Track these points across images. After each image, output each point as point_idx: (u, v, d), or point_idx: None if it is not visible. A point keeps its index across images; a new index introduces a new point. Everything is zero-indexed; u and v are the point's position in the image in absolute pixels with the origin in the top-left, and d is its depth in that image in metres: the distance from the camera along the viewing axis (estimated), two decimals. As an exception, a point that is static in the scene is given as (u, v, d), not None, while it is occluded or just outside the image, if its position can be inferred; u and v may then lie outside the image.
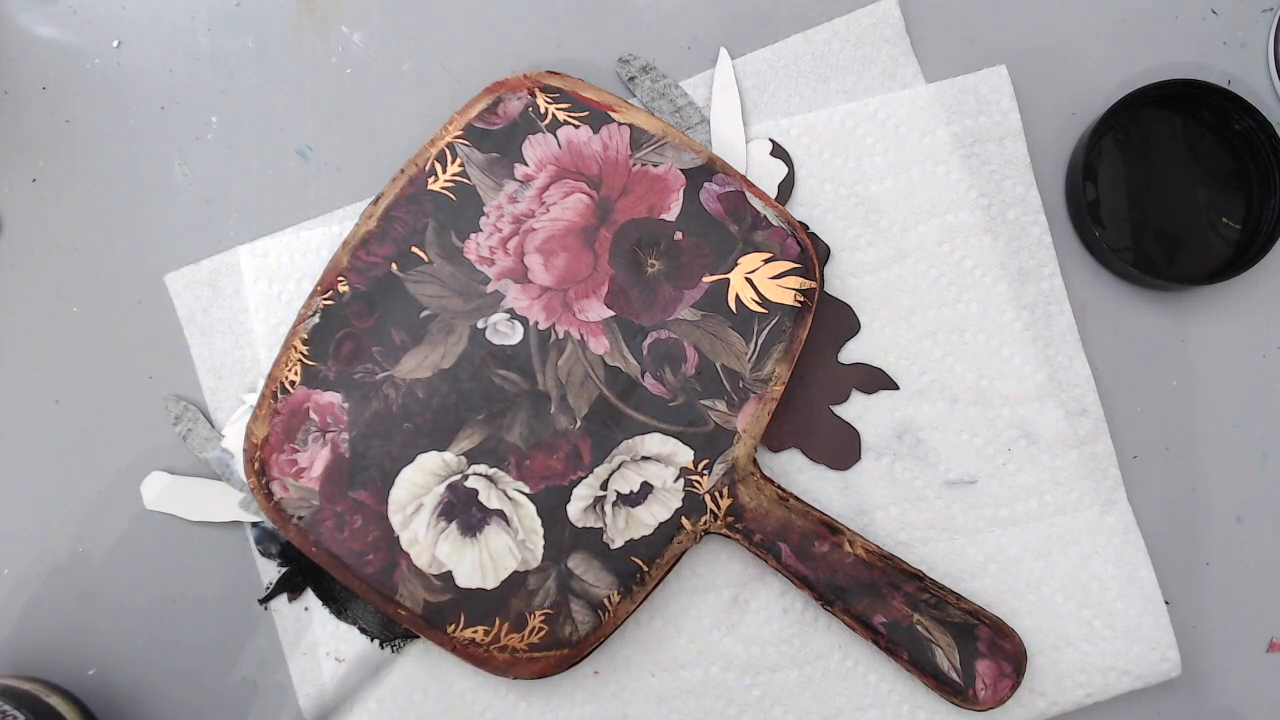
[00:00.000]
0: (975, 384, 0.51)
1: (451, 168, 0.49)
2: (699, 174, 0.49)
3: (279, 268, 0.51)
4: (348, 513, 0.48)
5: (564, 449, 0.48)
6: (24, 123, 0.52)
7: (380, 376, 0.48)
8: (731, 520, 0.48)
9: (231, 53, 0.53)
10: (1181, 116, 0.52)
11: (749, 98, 0.52)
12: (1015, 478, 0.51)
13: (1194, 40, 0.53)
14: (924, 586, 0.48)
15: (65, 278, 0.52)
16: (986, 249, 0.51)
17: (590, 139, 0.49)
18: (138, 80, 0.52)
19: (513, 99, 0.49)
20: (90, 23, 0.53)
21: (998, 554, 0.50)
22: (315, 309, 0.49)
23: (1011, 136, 0.52)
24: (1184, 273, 0.52)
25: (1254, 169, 0.51)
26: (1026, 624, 0.50)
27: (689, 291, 0.49)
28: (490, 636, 0.48)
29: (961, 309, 0.51)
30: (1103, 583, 0.50)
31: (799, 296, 0.49)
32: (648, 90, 0.52)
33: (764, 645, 0.50)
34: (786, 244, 0.49)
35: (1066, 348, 0.51)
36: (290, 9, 0.53)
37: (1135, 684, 0.50)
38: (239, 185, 0.52)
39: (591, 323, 0.49)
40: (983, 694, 0.48)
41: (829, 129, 0.52)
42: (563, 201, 0.49)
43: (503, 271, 0.49)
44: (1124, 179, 0.52)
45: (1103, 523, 0.50)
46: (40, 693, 0.47)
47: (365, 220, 0.49)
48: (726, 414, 0.49)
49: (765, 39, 0.53)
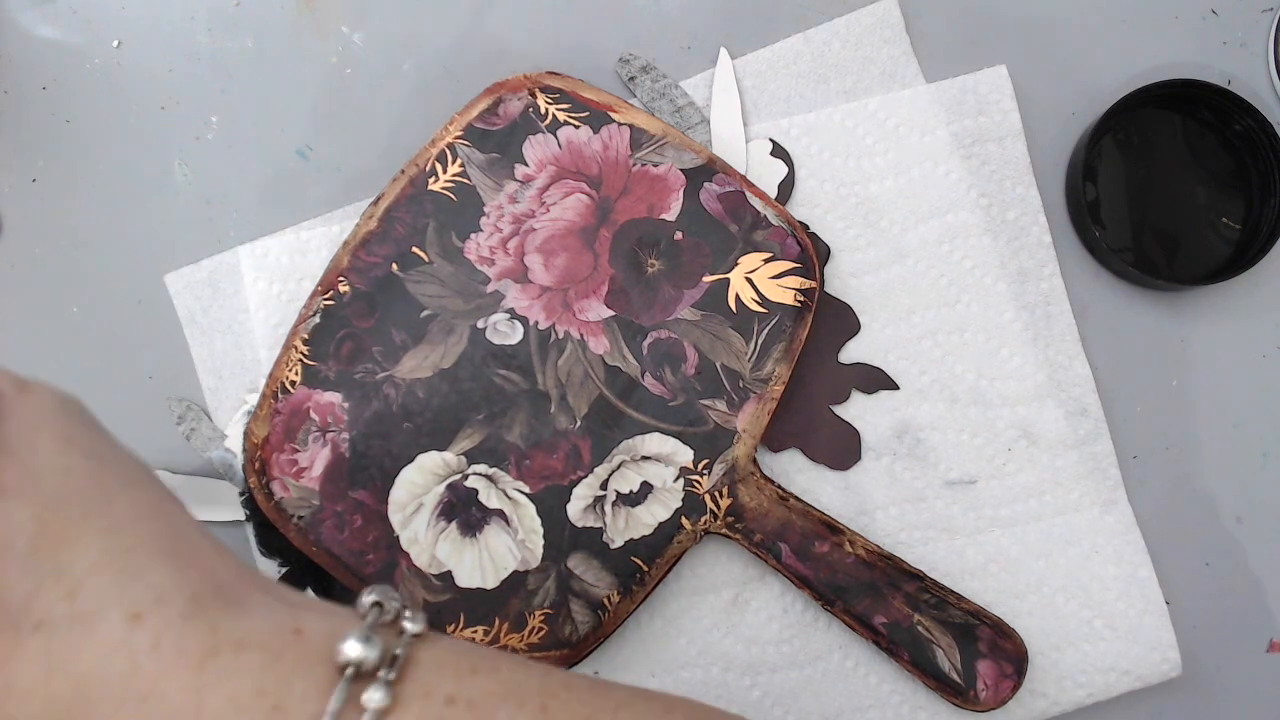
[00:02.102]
0: (975, 384, 0.51)
1: (452, 168, 0.49)
2: (699, 174, 0.49)
3: (279, 268, 0.51)
4: (348, 512, 0.48)
5: (564, 449, 0.48)
6: (24, 123, 0.52)
7: (380, 376, 0.48)
8: (731, 520, 0.48)
9: (231, 53, 0.53)
10: (1181, 116, 0.52)
11: (749, 98, 0.52)
12: (1015, 478, 0.51)
13: (1194, 40, 0.53)
14: (924, 587, 0.48)
15: (65, 278, 0.52)
16: (986, 249, 0.51)
17: (590, 139, 0.49)
18: (138, 80, 0.52)
19: (513, 99, 0.49)
20: (90, 23, 0.53)
21: (998, 554, 0.50)
22: (316, 309, 0.49)
23: (1011, 136, 0.52)
24: (1184, 273, 0.52)
25: (1254, 169, 0.51)
26: (1027, 624, 0.50)
27: (689, 291, 0.49)
28: (490, 636, 0.48)
29: (961, 309, 0.51)
30: (1103, 583, 0.50)
31: (799, 296, 0.49)
32: (648, 90, 0.52)
33: (764, 646, 0.50)
34: (786, 244, 0.49)
35: (1066, 348, 0.51)
36: (290, 9, 0.53)
37: (1136, 684, 0.50)
38: (239, 185, 0.52)
39: (591, 322, 0.49)
40: (984, 694, 0.48)
41: (829, 129, 0.52)
42: (563, 201, 0.49)
43: (503, 271, 0.49)
44: (1124, 179, 0.52)
45: (1103, 523, 0.50)
46: None
47: (366, 220, 0.49)
48: (726, 414, 0.49)
49: (765, 39, 0.53)
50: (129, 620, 0.26)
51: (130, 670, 0.25)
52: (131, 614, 0.26)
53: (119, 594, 0.26)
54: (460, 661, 0.29)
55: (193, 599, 0.27)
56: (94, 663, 0.25)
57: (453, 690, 0.27)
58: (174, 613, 0.26)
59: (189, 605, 0.26)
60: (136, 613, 0.26)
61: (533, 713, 0.28)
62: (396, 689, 0.27)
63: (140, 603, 0.26)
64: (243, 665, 0.26)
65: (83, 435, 0.28)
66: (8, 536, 0.26)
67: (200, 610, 0.26)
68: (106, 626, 0.25)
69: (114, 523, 0.27)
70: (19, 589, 0.25)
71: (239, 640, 0.26)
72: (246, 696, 0.26)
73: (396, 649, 0.27)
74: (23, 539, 0.26)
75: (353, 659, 0.26)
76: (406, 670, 0.27)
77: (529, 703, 0.28)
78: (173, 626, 0.26)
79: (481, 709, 0.27)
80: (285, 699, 0.26)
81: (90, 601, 0.25)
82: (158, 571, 0.27)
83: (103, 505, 0.27)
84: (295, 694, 0.26)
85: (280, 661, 0.26)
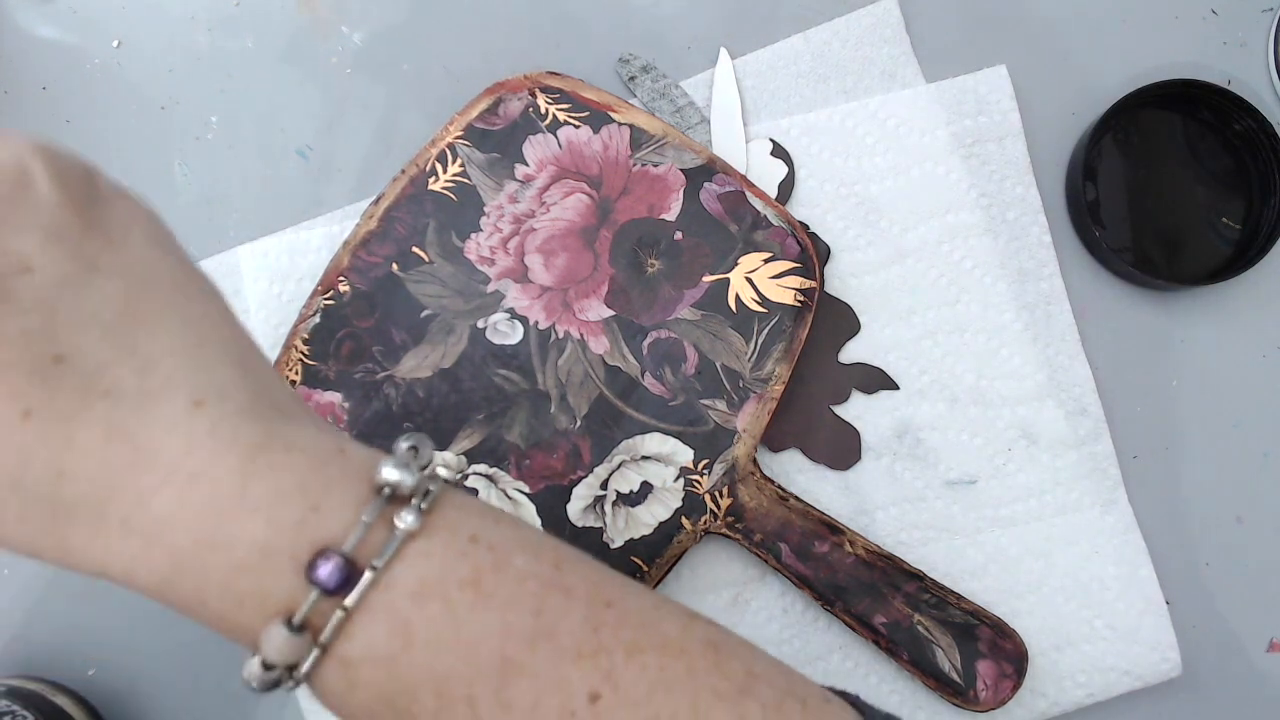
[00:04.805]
0: (975, 384, 0.51)
1: (452, 168, 0.49)
2: (699, 174, 0.49)
3: (279, 268, 0.51)
4: (348, 513, 0.48)
5: (564, 448, 0.48)
6: (24, 123, 0.52)
7: (380, 376, 0.48)
8: (731, 520, 0.48)
9: (231, 53, 0.53)
10: (1181, 116, 0.52)
11: (749, 98, 0.52)
12: (1015, 478, 0.51)
13: (1194, 40, 0.53)
14: (924, 587, 0.48)
15: (65, 278, 0.52)
16: (986, 249, 0.51)
17: (590, 139, 0.49)
18: (138, 80, 0.52)
19: (513, 99, 0.49)
20: (90, 23, 0.53)
21: (998, 554, 0.50)
22: (316, 309, 0.49)
23: (1011, 136, 0.52)
24: (1184, 273, 0.52)
25: (1254, 169, 0.51)
26: (1027, 624, 0.50)
27: (689, 291, 0.49)
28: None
29: (961, 309, 0.51)
30: (1103, 583, 0.50)
31: (799, 296, 0.49)
32: (648, 90, 0.52)
33: (764, 645, 0.50)
34: (786, 244, 0.49)
35: (1066, 348, 0.51)
36: (290, 9, 0.53)
37: (1136, 684, 0.50)
38: (239, 185, 0.52)
39: (591, 322, 0.49)
40: (984, 694, 0.48)
41: (829, 129, 0.52)
42: (563, 201, 0.49)
43: (503, 271, 0.49)
44: (1124, 179, 0.52)
45: (1103, 523, 0.50)
46: (47, 692, 0.47)
47: (366, 220, 0.49)
48: (726, 413, 0.49)
49: (765, 39, 0.53)
50: (191, 405, 0.27)
51: (185, 449, 0.27)
52: (195, 400, 0.27)
53: (186, 380, 0.27)
54: (485, 511, 0.30)
55: (252, 400, 0.28)
56: (152, 436, 0.26)
57: (477, 530, 0.29)
58: (233, 407, 0.27)
59: (249, 404, 0.28)
60: (200, 400, 0.27)
61: (548, 566, 0.29)
62: (426, 518, 0.28)
63: (204, 391, 0.27)
64: (291, 463, 0.27)
65: (170, 242, 0.30)
66: (96, 307, 0.27)
67: (257, 411, 0.28)
68: (170, 407, 0.27)
69: (191, 320, 0.29)
70: (96, 357, 0.27)
71: (289, 443, 0.28)
72: (289, 490, 0.27)
73: (429, 486, 0.29)
74: (109, 312, 0.27)
75: (390, 481, 0.28)
76: (436, 505, 0.29)
77: (545, 557, 0.29)
78: (230, 419, 0.27)
79: (501, 552, 0.29)
80: (324, 502, 0.27)
81: (158, 381, 0.27)
82: (224, 371, 0.28)
83: (183, 303, 0.29)
84: (333, 500, 0.27)
85: (324, 469, 0.28)
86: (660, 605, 0.31)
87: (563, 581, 0.29)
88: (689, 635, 0.30)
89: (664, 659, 0.29)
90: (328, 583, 0.26)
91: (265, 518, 0.27)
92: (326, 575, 0.26)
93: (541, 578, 0.29)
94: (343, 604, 0.27)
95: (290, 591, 0.27)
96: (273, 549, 0.27)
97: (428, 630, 0.27)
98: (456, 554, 0.28)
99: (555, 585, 0.29)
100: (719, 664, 0.29)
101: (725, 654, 0.30)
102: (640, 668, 0.28)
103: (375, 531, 0.27)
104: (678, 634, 0.30)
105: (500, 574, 0.28)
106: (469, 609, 0.28)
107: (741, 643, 0.32)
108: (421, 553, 0.28)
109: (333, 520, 0.27)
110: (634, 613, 0.30)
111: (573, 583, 0.29)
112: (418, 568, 0.28)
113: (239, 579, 0.27)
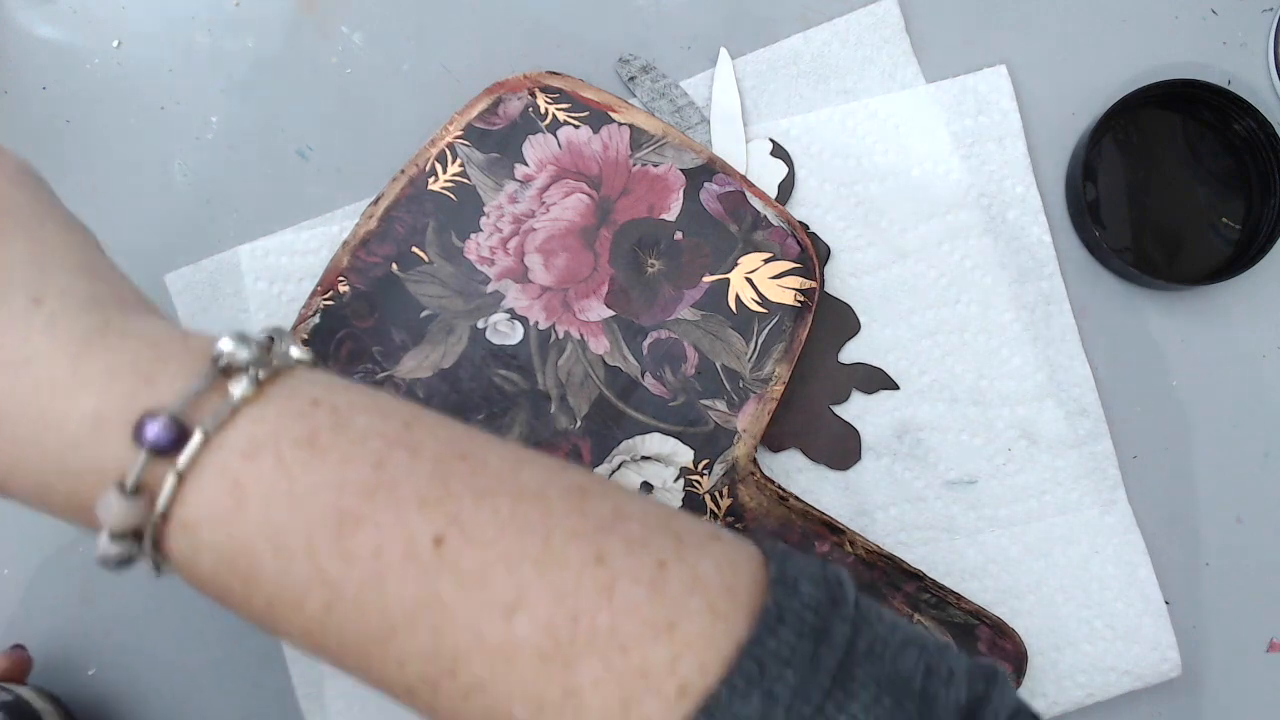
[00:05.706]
0: (975, 384, 0.51)
1: (452, 168, 0.49)
2: (699, 174, 0.49)
3: (279, 268, 0.51)
4: (348, 513, 0.48)
5: (564, 449, 0.48)
6: (24, 123, 0.52)
7: (380, 376, 0.48)
8: (731, 520, 0.48)
9: (231, 53, 0.53)
10: (1181, 116, 0.52)
11: (749, 98, 0.52)
12: (1015, 478, 0.51)
13: (1194, 40, 0.53)
14: (924, 586, 0.48)
15: (65, 278, 0.52)
16: (986, 249, 0.51)
17: (590, 139, 0.49)
18: (138, 80, 0.52)
19: (513, 99, 0.49)
20: (90, 23, 0.53)
21: (998, 554, 0.50)
22: (316, 309, 0.49)
23: (1011, 136, 0.52)
24: (1184, 273, 0.52)
25: (1254, 169, 0.51)
26: (1027, 624, 0.50)
27: (689, 291, 0.49)
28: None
29: (961, 309, 0.51)
30: (1103, 583, 0.50)
31: (799, 296, 0.49)
32: (648, 90, 0.52)
33: (764, 645, 0.50)
34: (786, 244, 0.49)
35: (1066, 348, 0.51)
36: (290, 9, 0.53)
37: (1135, 684, 0.50)
38: (239, 185, 0.52)
39: (591, 322, 0.49)
40: (983, 694, 0.48)
41: (829, 129, 0.52)
42: (563, 201, 0.49)
43: (503, 271, 0.49)
44: (1124, 179, 0.52)
45: (1103, 523, 0.50)
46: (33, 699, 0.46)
47: (365, 220, 0.49)
48: (726, 414, 0.49)
49: (765, 39, 0.53)
50: (30, 302, 0.29)
51: (21, 341, 0.28)
52: (34, 298, 0.29)
53: (28, 283, 0.29)
54: (341, 383, 0.30)
55: (94, 298, 0.29)
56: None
57: (320, 396, 0.29)
58: (74, 303, 0.29)
59: (89, 301, 0.29)
60: (39, 298, 0.29)
61: (396, 425, 0.29)
62: (265, 387, 0.29)
63: (45, 292, 0.29)
64: (126, 345, 0.29)
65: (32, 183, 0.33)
66: None
67: (99, 306, 0.29)
68: (9, 306, 0.28)
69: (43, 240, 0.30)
70: None
71: (126, 329, 0.29)
72: (122, 367, 0.28)
73: (274, 360, 0.29)
74: None
75: (224, 351, 0.28)
76: (279, 376, 0.29)
77: (394, 418, 0.29)
78: (69, 312, 0.29)
79: (344, 414, 0.29)
80: (159, 376, 0.28)
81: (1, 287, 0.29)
82: (69, 277, 0.30)
83: (35, 228, 0.31)
84: (169, 372, 0.28)
85: (161, 348, 0.29)
86: (527, 460, 0.30)
87: (410, 438, 0.29)
88: (552, 482, 0.29)
89: (518, 504, 0.28)
90: (156, 442, 0.27)
91: (96, 391, 0.28)
92: (154, 435, 0.27)
93: (387, 436, 0.29)
94: (175, 467, 0.27)
95: (123, 458, 0.27)
96: (103, 418, 0.27)
97: (260, 486, 0.27)
98: (293, 415, 0.28)
99: (400, 442, 0.29)
100: (581, 506, 0.29)
101: (592, 497, 0.29)
102: (491, 511, 0.28)
103: (209, 399, 0.28)
104: (538, 482, 0.29)
105: (339, 433, 0.28)
106: (303, 466, 0.28)
107: (620, 489, 0.31)
108: (255, 417, 0.28)
109: (165, 390, 0.28)
110: (492, 465, 0.29)
111: (421, 438, 0.29)
112: (250, 430, 0.28)
113: (74, 455, 0.28)
